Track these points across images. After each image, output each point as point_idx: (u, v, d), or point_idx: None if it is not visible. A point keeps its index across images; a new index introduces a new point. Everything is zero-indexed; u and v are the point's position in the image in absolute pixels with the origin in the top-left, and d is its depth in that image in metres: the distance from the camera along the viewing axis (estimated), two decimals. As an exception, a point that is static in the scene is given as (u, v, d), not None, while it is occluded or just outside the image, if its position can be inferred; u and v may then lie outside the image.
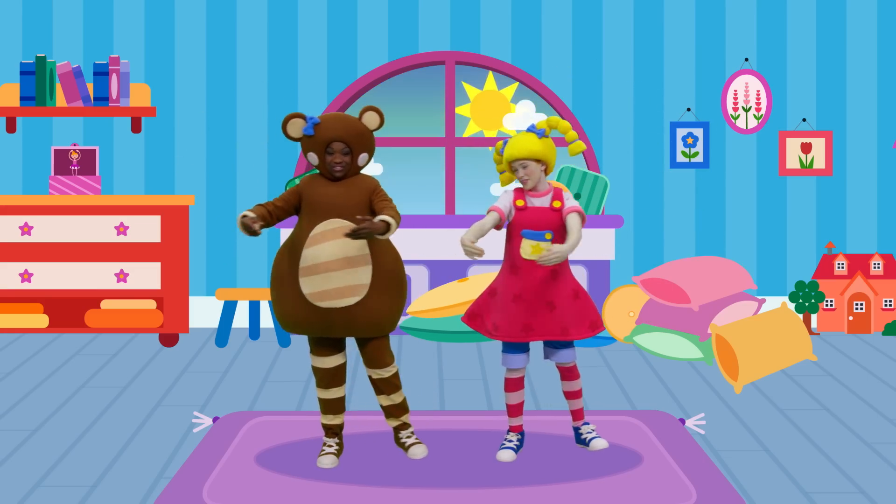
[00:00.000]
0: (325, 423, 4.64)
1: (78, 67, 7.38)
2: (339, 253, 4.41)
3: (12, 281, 7.11)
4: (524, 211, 4.54)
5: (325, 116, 4.48)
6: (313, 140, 4.46)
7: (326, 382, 4.59)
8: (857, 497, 4.24)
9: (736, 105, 7.60)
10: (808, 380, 6.15)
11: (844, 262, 7.43)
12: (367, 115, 4.49)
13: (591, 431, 4.72)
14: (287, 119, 4.45)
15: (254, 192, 7.61)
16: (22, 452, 4.80)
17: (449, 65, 7.64)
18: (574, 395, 4.71)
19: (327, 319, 4.45)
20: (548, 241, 4.51)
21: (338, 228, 4.42)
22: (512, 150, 4.51)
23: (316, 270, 4.41)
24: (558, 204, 4.53)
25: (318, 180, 4.51)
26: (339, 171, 4.47)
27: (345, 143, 4.45)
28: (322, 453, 4.56)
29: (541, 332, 4.53)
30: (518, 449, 4.65)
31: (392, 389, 4.64)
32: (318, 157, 4.47)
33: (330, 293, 4.42)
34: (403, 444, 4.66)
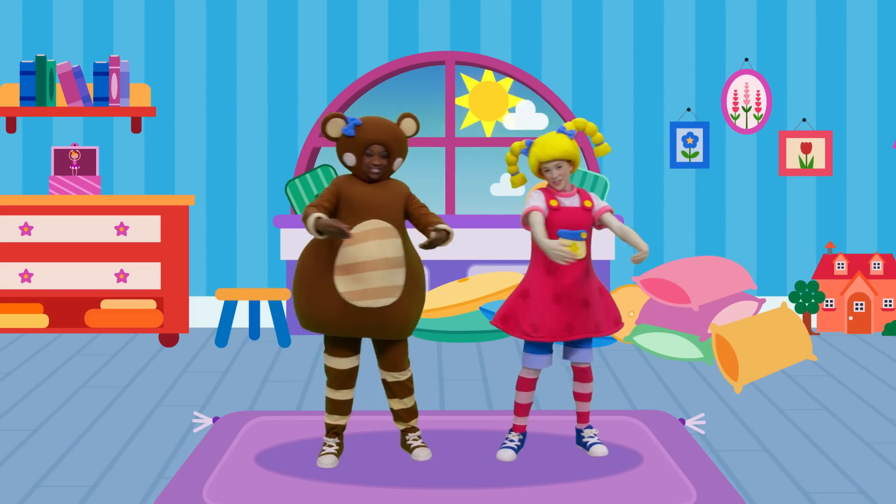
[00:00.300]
0: (329, 423, 4.63)
1: (78, 67, 7.38)
2: (379, 253, 4.43)
3: (12, 281, 7.11)
4: (559, 211, 4.57)
5: (366, 119, 4.49)
6: (353, 141, 4.46)
7: (339, 383, 4.59)
8: (857, 497, 4.24)
9: (736, 105, 7.60)
10: (808, 380, 6.15)
11: (844, 262, 7.43)
12: (405, 122, 4.54)
13: (594, 437, 4.72)
14: (327, 118, 4.45)
15: (254, 192, 7.62)
16: (22, 452, 4.80)
17: (449, 65, 7.64)
18: (584, 397, 4.71)
19: (360, 319, 4.46)
20: (583, 239, 4.56)
21: (378, 229, 4.44)
22: (548, 150, 4.52)
23: (355, 269, 4.41)
24: (589, 203, 4.59)
25: (353, 181, 4.51)
26: (376, 174, 4.48)
27: (384, 147, 4.48)
28: (322, 453, 4.56)
29: (580, 329, 4.57)
30: (518, 449, 4.65)
31: (406, 393, 4.66)
32: (355, 158, 4.48)
33: (368, 293, 4.43)
34: (409, 446, 4.67)
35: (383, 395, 5.82)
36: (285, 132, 7.63)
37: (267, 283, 7.64)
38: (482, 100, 7.66)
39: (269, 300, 7.13)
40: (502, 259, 7.37)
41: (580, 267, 4.55)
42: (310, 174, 7.44)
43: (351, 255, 4.41)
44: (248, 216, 7.63)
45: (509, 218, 7.40)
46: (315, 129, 7.58)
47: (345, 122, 4.46)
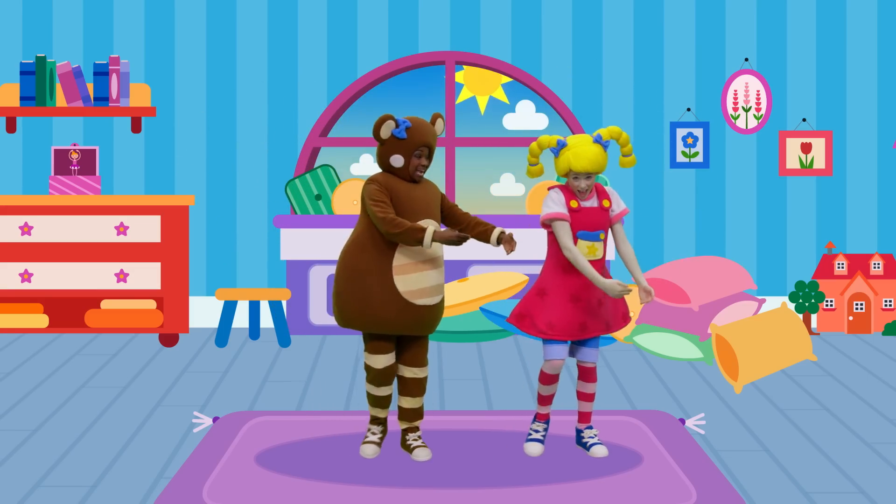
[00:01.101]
0: (374, 415, 4.72)
1: (78, 67, 7.38)
2: (433, 252, 4.57)
3: (12, 281, 7.11)
4: (578, 212, 4.57)
5: (414, 120, 4.57)
6: (404, 143, 4.53)
7: (382, 380, 4.64)
8: (857, 497, 4.24)
9: (736, 105, 7.60)
10: (808, 380, 6.15)
11: (844, 262, 7.43)
12: (438, 122, 4.64)
13: (594, 437, 4.72)
14: (381, 120, 4.51)
15: (254, 192, 7.62)
16: (22, 452, 4.80)
17: (449, 65, 7.64)
18: (587, 397, 4.72)
19: (418, 317, 4.57)
20: (601, 241, 4.57)
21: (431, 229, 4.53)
22: (583, 162, 4.48)
23: (415, 268, 4.52)
24: (607, 203, 4.60)
25: (397, 182, 4.57)
26: (420, 176, 4.59)
27: (430, 149, 4.59)
28: (366, 440, 4.66)
29: (594, 328, 4.60)
30: (543, 440, 4.69)
31: (420, 392, 4.71)
32: (404, 159, 4.55)
33: (426, 291, 4.56)
34: (409, 445, 4.68)
35: (383, 395, 5.83)
36: (285, 132, 7.63)
37: (267, 283, 7.64)
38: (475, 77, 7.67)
39: (269, 300, 7.13)
40: (502, 259, 7.37)
41: (597, 267, 4.57)
42: (310, 174, 7.44)
43: (410, 255, 4.52)
44: (248, 216, 7.63)
45: (510, 218, 7.40)
46: (315, 130, 7.58)
47: (396, 124, 4.53)
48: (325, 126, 7.59)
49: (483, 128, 7.70)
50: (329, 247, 7.35)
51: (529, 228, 6.87)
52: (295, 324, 7.38)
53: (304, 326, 7.39)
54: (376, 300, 4.52)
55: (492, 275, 7.09)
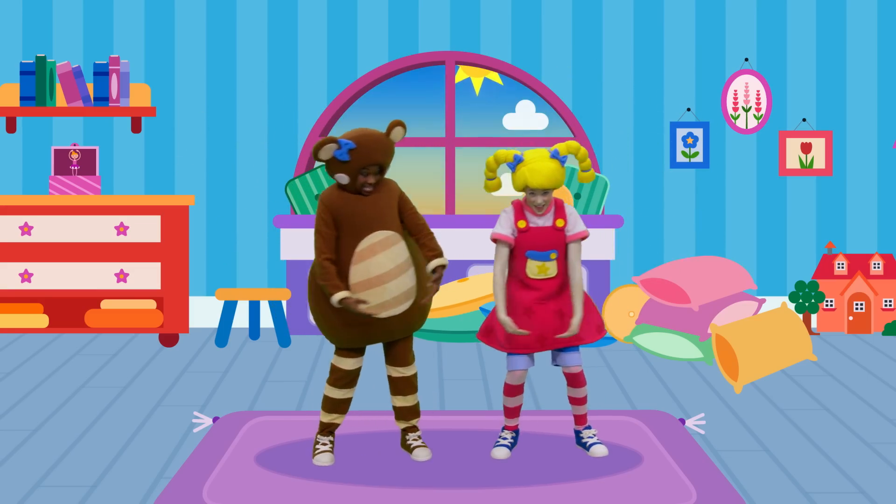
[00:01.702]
0: (326, 422, 4.64)
1: (78, 67, 7.38)
2: (390, 263, 4.46)
3: (12, 281, 7.11)
4: (527, 232, 4.54)
5: (359, 138, 4.41)
6: (349, 164, 4.41)
7: (345, 383, 4.61)
8: (857, 497, 4.24)
9: (736, 105, 7.60)
10: (808, 380, 6.15)
11: (844, 262, 7.43)
12: (395, 131, 4.48)
13: (593, 437, 4.71)
14: (320, 144, 4.36)
15: (254, 192, 7.61)
16: (22, 452, 4.80)
17: (449, 65, 7.64)
18: (578, 401, 4.71)
19: (386, 327, 4.52)
20: (553, 260, 4.53)
21: (383, 240, 4.46)
22: (539, 178, 4.44)
23: (371, 284, 4.44)
24: (561, 223, 4.54)
25: (344, 197, 4.48)
26: (369, 191, 4.48)
27: (380, 165, 4.47)
28: (318, 451, 4.57)
29: (553, 341, 4.56)
30: (512, 447, 4.66)
31: (410, 390, 4.68)
32: (350, 178, 4.44)
33: (389, 303, 4.48)
34: (409, 445, 4.67)
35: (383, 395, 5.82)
36: (285, 132, 7.63)
37: (267, 283, 7.64)
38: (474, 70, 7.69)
39: (269, 300, 7.13)
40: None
41: (552, 284, 4.54)
42: (310, 174, 7.44)
43: (363, 272, 4.45)
44: (248, 216, 7.63)
45: (509, 218, 7.39)
46: (315, 130, 7.58)
47: (337, 146, 4.38)
48: (325, 126, 7.59)
49: (483, 128, 7.70)
50: (329, 247, 7.33)
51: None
52: (295, 324, 7.38)
53: (304, 326, 7.39)
54: (340, 319, 4.49)
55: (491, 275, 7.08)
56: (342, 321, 4.50)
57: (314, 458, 4.55)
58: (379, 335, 4.54)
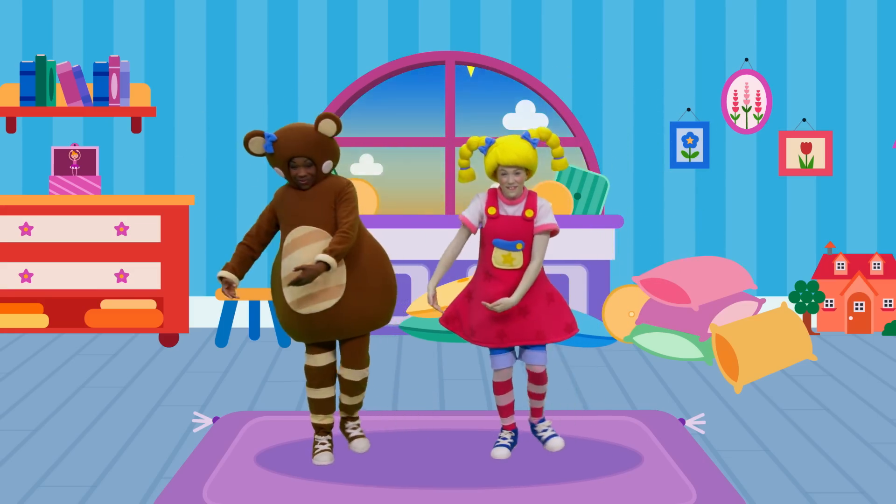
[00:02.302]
0: (316, 423, 4.65)
1: (78, 67, 7.38)
2: (307, 259, 4.44)
3: (12, 281, 7.11)
4: (496, 219, 4.53)
5: (283, 132, 4.48)
6: (275, 157, 4.50)
7: (317, 381, 4.61)
8: (857, 497, 4.24)
9: (736, 105, 7.60)
10: (808, 380, 6.15)
11: (844, 262, 7.43)
12: (322, 124, 4.46)
13: (547, 429, 4.71)
14: (248, 137, 4.48)
15: (254, 192, 7.62)
16: (22, 452, 4.80)
17: (449, 65, 7.64)
18: (537, 396, 4.72)
19: (310, 325, 4.51)
20: (519, 251, 4.51)
21: (304, 235, 4.48)
22: (509, 154, 4.46)
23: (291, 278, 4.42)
24: (531, 213, 4.52)
25: (288, 191, 4.57)
26: (305, 184, 4.51)
27: (305, 157, 4.47)
28: (317, 451, 4.57)
29: (515, 337, 4.55)
30: (512, 446, 4.66)
31: (355, 391, 4.69)
32: (283, 171, 4.52)
33: (306, 300, 4.48)
34: (348, 434, 4.74)
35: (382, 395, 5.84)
36: (285, 132, 7.62)
37: (267, 283, 7.64)
38: None
39: (269, 300, 7.13)
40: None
41: (516, 277, 4.52)
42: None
43: (286, 267, 4.49)
44: (249, 216, 7.63)
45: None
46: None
47: (263, 138, 4.47)
48: (325, 126, 7.58)
49: (483, 128, 7.70)
50: (329, 247, 7.34)
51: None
52: (295, 324, 7.37)
53: (304, 326, 7.39)
54: (281, 312, 4.56)
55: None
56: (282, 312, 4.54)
57: (314, 457, 4.56)
58: (306, 332, 4.53)
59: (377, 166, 7.69)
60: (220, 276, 4.53)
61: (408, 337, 7.24)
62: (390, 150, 7.64)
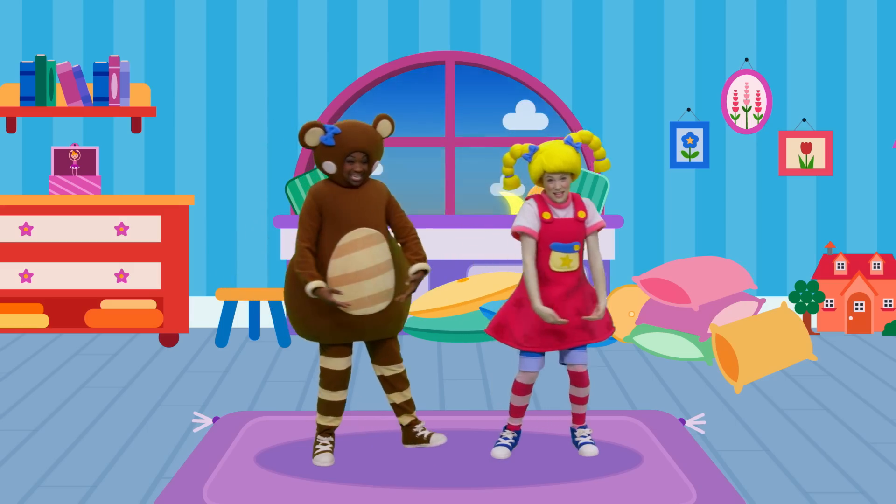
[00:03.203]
0: (324, 425, 4.64)
1: (78, 67, 7.38)
2: (370, 261, 4.46)
3: (12, 281, 7.11)
4: (551, 224, 4.55)
5: (344, 125, 4.47)
6: (333, 150, 4.44)
7: (337, 385, 4.61)
8: (857, 497, 4.24)
9: (736, 105, 7.60)
10: (808, 380, 6.15)
11: (844, 262, 7.43)
12: (381, 124, 4.52)
13: (586, 437, 4.71)
14: (305, 128, 4.42)
15: (254, 192, 7.62)
16: (22, 452, 4.80)
17: (449, 65, 7.64)
18: (580, 400, 4.71)
19: (359, 326, 4.51)
20: (576, 252, 4.55)
21: (365, 237, 4.47)
22: (555, 161, 4.48)
23: (347, 280, 4.43)
24: (583, 214, 4.58)
25: (333, 190, 4.50)
26: (357, 181, 4.49)
27: (365, 153, 4.47)
28: (319, 452, 4.57)
29: (572, 338, 4.57)
30: (513, 447, 4.66)
31: (405, 385, 4.71)
32: (336, 166, 4.46)
33: (365, 301, 4.47)
34: (421, 437, 4.70)
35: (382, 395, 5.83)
36: (285, 132, 7.63)
37: (267, 283, 7.64)
38: None
39: (269, 300, 7.13)
40: (502, 259, 7.37)
41: (573, 278, 4.56)
42: (310, 174, 7.44)
43: (342, 267, 4.44)
44: (248, 216, 7.63)
45: (509, 218, 7.40)
46: (315, 129, 7.58)
47: (323, 131, 4.43)
48: (325, 126, 7.59)
49: (483, 128, 7.71)
50: (329, 247, 7.34)
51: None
52: (295, 324, 7.37)
53: (304, 326, 7.39)
54: (313, 312, 4.49)
55: (491, 275, 7.09)
56: (314, 311, 4.49)
57: (314, 458, 4.55)
58: (349, 333, 4.53)
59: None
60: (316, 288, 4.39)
61: (408, 337, 7.24)
62: (390, 150, 7.64)
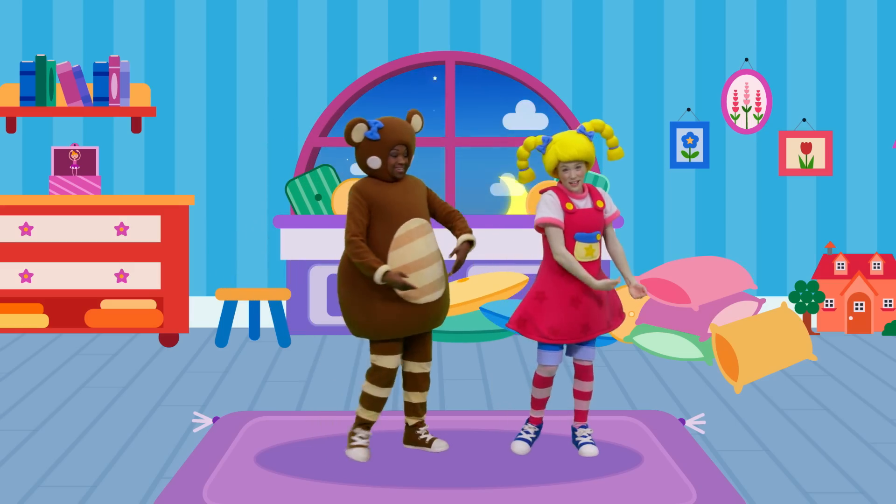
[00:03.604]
0: (366, 419, 4.64)
1: (78, 67, 7.38)
2: (426, 249, 4.54)
3: (12, 281, 7.11)
4: (574, 214, 4.57)
5: (385, 120, 4.55)
6: (378, 144, 4.52)
7: (387, 381, 4.61)
8: (857, 497, 4.24)
9: (736, 105, 7.60)
10: (808, 380, 6.15)
11: (844, 262, 7.43)
12: (415, 119, 4.63)
13: (586, 436, 4.71)
14: (351, 125, 4.50)
15: (254, 192, 7.62)
16: (22, 452, 4.80)
17: (449, 65, 7.64)
18: (584, 395, 4.72)
19: (422, 315, 4.56)
20: (598, 241, 4.60)
21: (420, 227, 4.54)
22: (570, 150, 4.52)
23: (409, 269, 4.48)
24: (601, 204, 4.61)
25: (376, 185, 4.56)
26: (401, 173, 4.57)
27: (406, 146, 4.56)
28: (355, 445, 4.58)
29: (595, 328, 4.61)
30: (533, 442, 4.69)
31: (427, 385, 4.73)
32: (380, 160, 4.54)
33: (426, 289, 4.53)
34: (423, 440, 4.69)
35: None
36: (285, 132, 7.63)
37: (267, 283, 7.64)
38: None
39: (269, 300, 7.13)
40: (502, 259, 7.37)
41: (595, 268, 4.59)
42: (310, 174, 7.44)
43: (401, 257, 4.50)
44: (248, 216, 7.63)
45: (509, 218, 7.40)
46: (315, 130, 7.58)
47: (367, 126, 4.52)
48: (325, 126, 7.59)
49: (483, 128, 7.71)
50: (329, 247, 7.35)
51: (530, 228, 6.86)
52: (295, 324, 7.38)
53: (304, 326, 7.39)
54: (378, 306, 4.51)
55: (492, 275, 7.09)
56: (382, 305, 4.49)
57: (349, 450, 4.57)
58: (416, 323, 4.56)
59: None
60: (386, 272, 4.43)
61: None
62: (390, 150, 7.63)
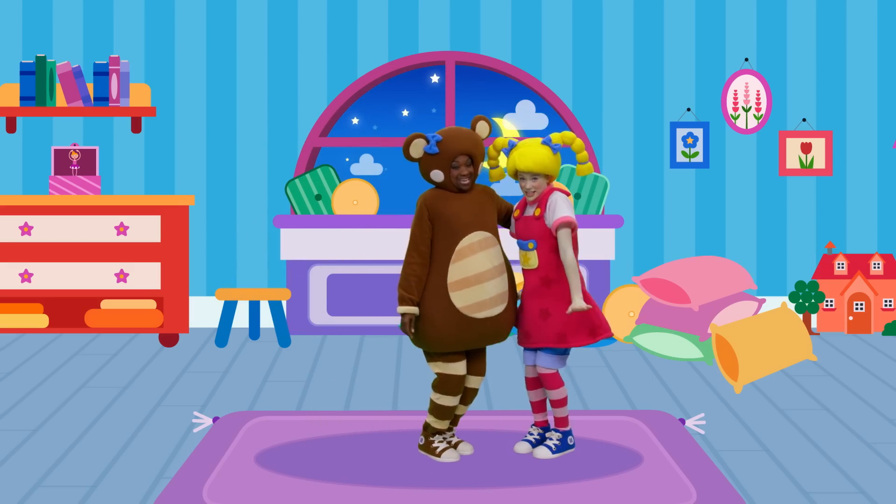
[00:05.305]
0: (439, 428, 4.59)
1: (78, 67, 7.38)
2: (489, 263, 4.47)
3: (12, 281, 7.11)
4: (518, 220, 4.60)
5: (445, 132, 4.48)
6: (437, 157, 4.46)
7: (457, 389, 4.55)
8: (857, 497, 4.24)
9: (736, 105, 7.60)
10: (808, 380, 6.15)
11: (844, 262, 7.43)
12: (479, 126, 4.54)
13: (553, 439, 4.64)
14: (409, 140, 4.43)
15: (254, 192, 7.62)
16: (22, 452, 4.80)
17: (449, 65, 7.64)
18: (555, 402, 4.63)
19: (480, 330, 4.49)
20: (531, 250, 4.53)
21: (483, 240, 4.48)
22: (525, 160, 4.48)
23: (470, 283, 4.44)
24: (538, 212, 4.53)
25: (443, 197, 4.50)
26: (466, 184, 4.49)
27: (469, 156, 4.48)
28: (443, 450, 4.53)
29: (537, 338, 4.55)
30: (537, 443, 4.67)
31: (472, 400, 4.68)
32: (443, 173, 4.47)
33: (486, 303, 4.47)
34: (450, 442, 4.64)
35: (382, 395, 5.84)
36: (285, 132, 7.63)
37: (267, 283, 7.64)
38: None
39: (269, 300, 7.13)
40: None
41: (534, 277, 4.54)
42: (310, 174, 7.44)
43: (462, 270, 4.45)
44: (248, 216, 7.63)
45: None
46: (315, 130, 7.58)
47: (426, 140, 4.45)
48: (325, 126, 7.59)
49: (483, 128, 7.70)
50: (329, 247, 7.35)
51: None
52: (295, 324, 7.38)
53: (304, 326, 7.39)
54: (438, 319, 4.46)
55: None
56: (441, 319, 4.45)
57: (441, 456, 4.52)
58: (474, 338, 4.50)
59: (377, 166, 7.69)
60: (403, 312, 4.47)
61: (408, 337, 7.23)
62: (390, 150, 7.64)
